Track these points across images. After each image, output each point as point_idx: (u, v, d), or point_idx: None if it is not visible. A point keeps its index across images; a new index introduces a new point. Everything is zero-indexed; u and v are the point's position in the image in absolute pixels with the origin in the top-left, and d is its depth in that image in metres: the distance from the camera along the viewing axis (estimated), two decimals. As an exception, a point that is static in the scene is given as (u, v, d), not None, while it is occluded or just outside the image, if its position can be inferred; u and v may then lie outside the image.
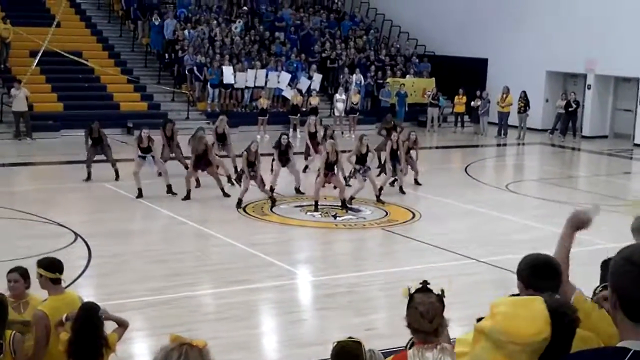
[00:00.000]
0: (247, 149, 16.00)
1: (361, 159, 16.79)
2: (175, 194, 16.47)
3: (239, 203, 15.89)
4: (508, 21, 29.91)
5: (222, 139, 18.90)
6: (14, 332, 5.83)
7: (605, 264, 3.50)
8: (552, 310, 3.01)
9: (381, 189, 16.98)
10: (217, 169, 17.12)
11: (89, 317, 5.90)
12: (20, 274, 6.47)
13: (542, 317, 2.72)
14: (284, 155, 17.17)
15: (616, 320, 2.49)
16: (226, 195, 16.65)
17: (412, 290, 4.11)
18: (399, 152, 17.52)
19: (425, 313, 3.91)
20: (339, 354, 4.81)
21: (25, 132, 23.37)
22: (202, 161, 16.65)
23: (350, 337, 4.96)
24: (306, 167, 19.41)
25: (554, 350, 2.81)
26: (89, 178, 17.69)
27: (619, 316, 2.46)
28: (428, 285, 4.15)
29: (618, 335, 2.52)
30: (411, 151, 18.44)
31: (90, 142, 17.85)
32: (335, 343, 4.86)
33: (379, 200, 16.69)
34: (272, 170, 17.22)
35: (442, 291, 4.16)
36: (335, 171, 16.11)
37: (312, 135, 19.88)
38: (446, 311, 4.02)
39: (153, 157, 16.73)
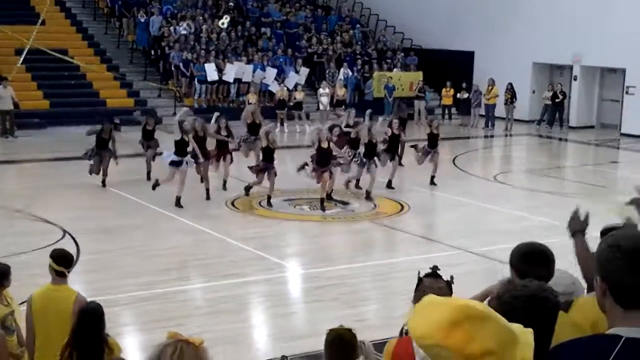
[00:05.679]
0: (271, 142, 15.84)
1: (370, 150, 16.51)
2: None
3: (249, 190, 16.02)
4: (494, 14, 29.92)
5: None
6: None
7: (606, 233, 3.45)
8: (532, 294, 2.93)
9: (390, 182, 17.34)
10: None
11: (90, 321, 5.48)
12: None
13: (441, 323, 2.34)
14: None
15: (605, 307, 2.50)
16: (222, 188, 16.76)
17: (422, 275, 4.08)
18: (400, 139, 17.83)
19: None
20: (335, 342, 4.76)
21: (10, 130, 23.26)
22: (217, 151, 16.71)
23: (341, 325, 4.94)
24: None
25: (535, 336, 2.73)
26: (104, 185, 16.85)
27: (609, 303, 2.46)
28: (438, 271, 4.12)
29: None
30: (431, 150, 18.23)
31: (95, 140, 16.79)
32: (329, 331, 4.83)
33: (368, 197, 16.35)
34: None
35: (452, 277, 4.13)
36: (331, 166, 15.69)
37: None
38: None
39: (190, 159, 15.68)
